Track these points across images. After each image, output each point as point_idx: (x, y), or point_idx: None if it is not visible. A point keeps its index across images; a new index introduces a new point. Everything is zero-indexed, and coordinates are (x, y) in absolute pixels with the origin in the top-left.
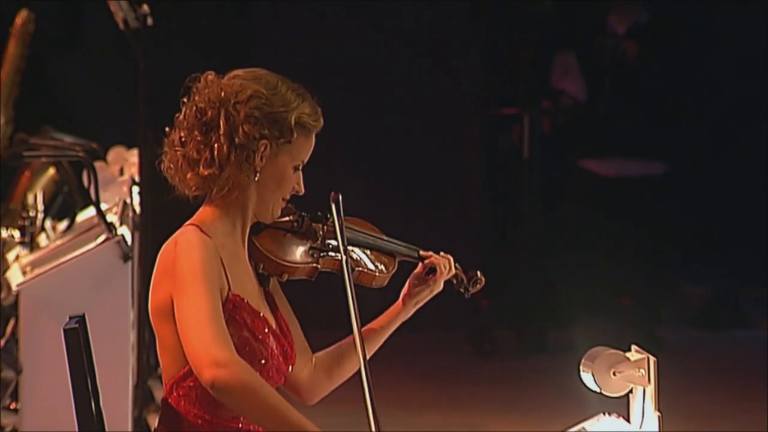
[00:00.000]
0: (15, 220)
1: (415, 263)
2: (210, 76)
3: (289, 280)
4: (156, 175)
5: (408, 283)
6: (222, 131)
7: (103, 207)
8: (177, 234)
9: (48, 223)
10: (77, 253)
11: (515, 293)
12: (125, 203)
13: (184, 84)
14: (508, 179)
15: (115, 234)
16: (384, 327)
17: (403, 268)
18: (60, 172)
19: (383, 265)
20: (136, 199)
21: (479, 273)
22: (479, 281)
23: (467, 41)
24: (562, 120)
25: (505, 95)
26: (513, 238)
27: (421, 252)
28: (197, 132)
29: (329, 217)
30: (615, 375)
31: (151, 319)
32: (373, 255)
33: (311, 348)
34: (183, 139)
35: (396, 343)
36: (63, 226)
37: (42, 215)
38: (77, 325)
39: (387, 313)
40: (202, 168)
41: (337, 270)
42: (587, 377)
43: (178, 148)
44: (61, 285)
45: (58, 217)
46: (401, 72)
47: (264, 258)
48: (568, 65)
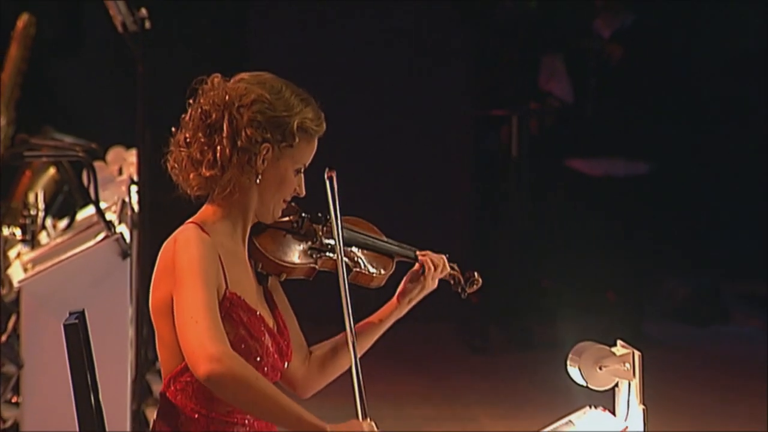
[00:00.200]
0: (16, 218)
1: (412, 263)
2: (216, 78)
3: (288, 279)
4: (154, 175)
5: (404, 281)
6: (225, 134)
7: (103, 206)
8: (177, 232)
9: (48, 222)
10: (77, 250)
11: (504, 290)
12: (124, 202)
13: (191, 85)
14: (497, 178)
15: (114, 232)
16: (379, 324)
17: (401, 267)
18: (60, 171)
19: (381, 265)
20: (135, 197)
21: (476, 274)
22: (476, 282)
23: (457, 44)
24: (550, 121)
25: (494, 97)
26: (502, 236)
27: (418, 252)
28: (201, 133)
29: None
30: (601, 369)
31: (152, 315)
32: (372, 255)
33: (307, 342)
34: (188, 139)
35: (388, 338)
36: (63, 224)
37: (43, 214)
38: (77, 320)
39: (382, 310)
40: (204, 169)
41: (335, 270)
42: (574, 371)
43: (183, 148)
44: (62, 282)
45: (58, 216)
46: (393, 74)
47: (263, 258)
48: (555, 68)
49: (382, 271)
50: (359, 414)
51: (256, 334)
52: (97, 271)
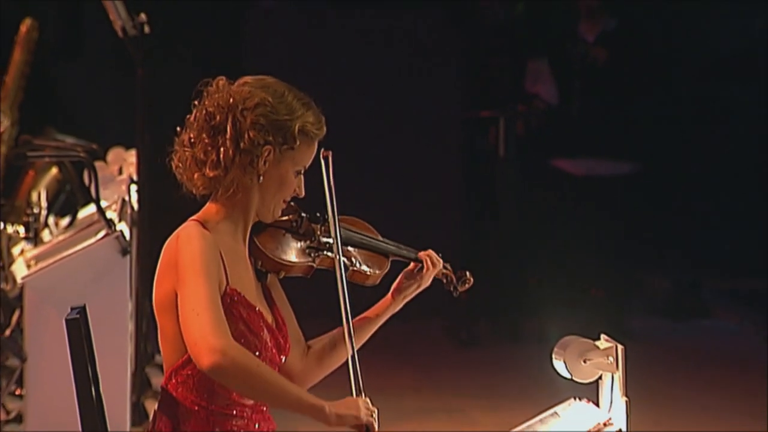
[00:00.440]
0: (20, 216)
1: (407, 262)
2: (221, 81)
3: (286, 276)
4: (153, 175)
5: (399, 278)
6: (229, 135)
7: (103, 204)
8: (179, 229)
9: (51, 220)
10: (78, 247)
11: (491, 285)
12: (124, 201)
13: (196, 87)
14: (485, 177)
15: (115, 230)
16: (374, 319)
17: (395, 265)
18: (62, 171)
19: (377, 265)
20: (134, 196)
21: (468, 273)
22: (468, 281)
23: (447, 49)
24: (536, 122)
25: (482, 99)
26: (489, 233)
27: (414, 253)
28: (205, 134)
29: (326, 218)
30: (585, 362)
31: (155, 310)
32: (368, 255)
33: (305, 336)
34: (192, 139)
35: (379, 332)
36: (65, 222)
37: (45, 212)
38: (78, 315)
39: (377, 306)
40: (208, 169)
41: (332, 268)
42: (559, 365)
43: (187, 148)
44: (64, 278)
45: (60, 214)
46: (385, 77)
47: (263, 256)
48: (541, 71)
49: (377, 271)
50: (354, 391)
51: (255, 330)
52: (97, 268)
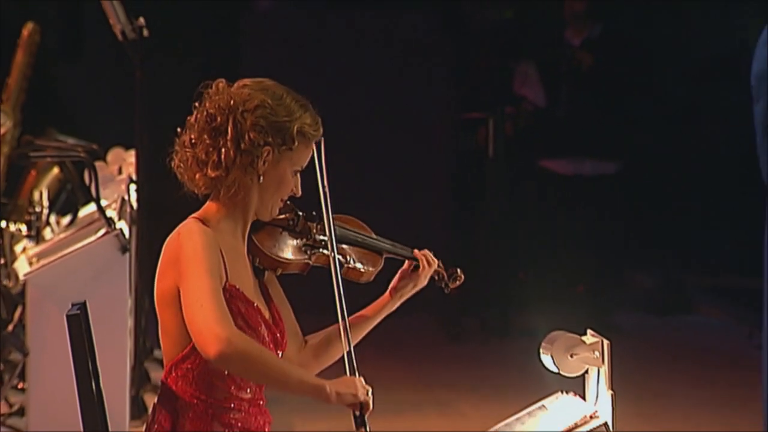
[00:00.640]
0: (22, 215)
1: (402, 261)
2: (221, 83)
3: (284, 273)
4: (151, 174)
5: (396, 278)
6: (229, 136)
7: (103, 203)
8: (180, 226)
9: (52, 218)
10: (79, 245)
11: (480, 281)
12: (123, 200)
13: (197, 89)
14: (474, 177)
15: (114, 228)
16: (371, 316)
17: (391, 264)
18: (63, 171)
19: (371, 262)
20: (134, 196)
21: (459, 270)
22: (459, 278)
23: (439, 52)
24: (523, 123)
25: (472, 101)
26: (479, 231)
27: (416, 251)
28: (206, 135)
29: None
30: (572, 357)
31: (156, 305)
32: (362, 252)
33: (303, 331)
34: (193, 141)
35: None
36: (66, 220)
37: (47, 211)
38: (79, 311)
39: (374, 304)
40: (209, 170)
41: (327, 265)
42: (546, 359)
43: (188, 149)
44: (65, 275)
45: (61, 213)
46: (378, 79)
47: (260, 253)
48: (528, 73)
49: (371, 268)
50: (348, 371)
51: (253, 325)
52: (98, 265)
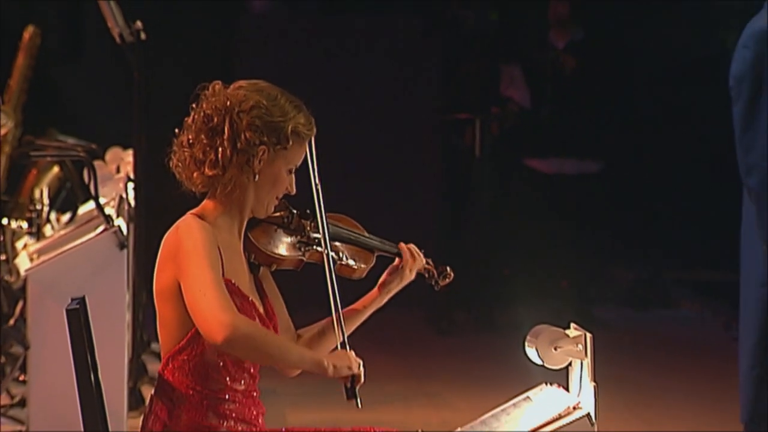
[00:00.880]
0: (23, 212)
1: (392, 258)
2: (217, 85)
3: (278, 269)
4: (148, 173)
5: (385, 274)
6: (226, 136)
7: (102, 201)
8: (178, 222)
9: (53, 216)
10: (78, 242)
11: (468, 277)
12: (121, 198)
13: (194, 91)
14: (462, 176)
15: (113, 225)
16: (361, 310)
17: (381, 261)
18: (63, 169)
19: (363, 259)
20: (131, 194)
21: (448, 268)
22: (448, 276)
23: (426, 54)
24: (509, 124)
25: (459, 102)
26: (466, 228)
27: (395, 248)
28: (204, 135)
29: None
30: (556, 350)
31: (155, 298)
32: (354, 250)
33: (295, 325)
34: (190, 140)
35: (362, 323)
36: (66, 218)
37: (47, 208)
38: (78, 306)
39: (364, 299)
40: (207, 168)
41: (321, 262)
42: (531, 352)
43: (186, 148)
44: (64, 270)
45: (61, 210)
46: (368, 81)
47: (256, 249)
48: (514, 76)
49: (363, 265)
50: (339, 347)
51: (248, 318)
52: (96, 261)
